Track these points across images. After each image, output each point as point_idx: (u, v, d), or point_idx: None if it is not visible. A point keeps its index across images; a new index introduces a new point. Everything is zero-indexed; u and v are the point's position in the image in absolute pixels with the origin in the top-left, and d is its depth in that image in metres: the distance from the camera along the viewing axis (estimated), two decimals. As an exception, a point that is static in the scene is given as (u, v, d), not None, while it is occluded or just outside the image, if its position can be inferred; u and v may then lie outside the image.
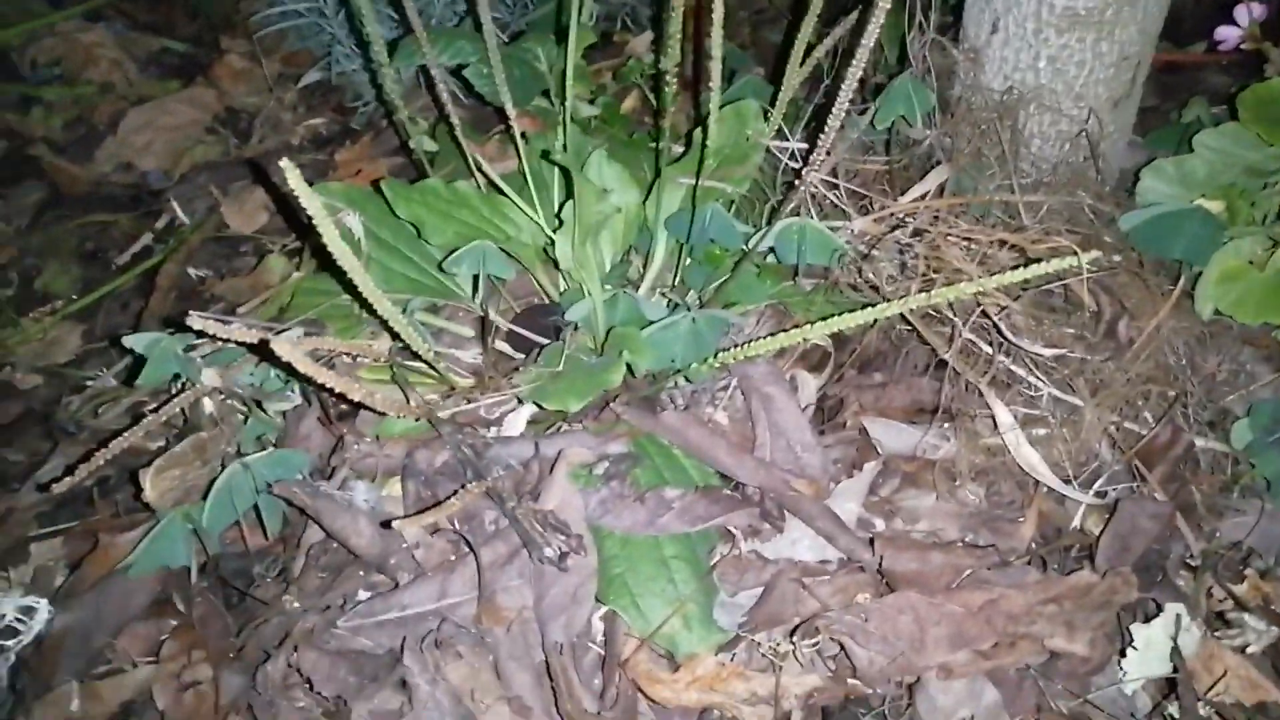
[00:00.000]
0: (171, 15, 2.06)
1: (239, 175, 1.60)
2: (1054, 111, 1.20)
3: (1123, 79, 1.19)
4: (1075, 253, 0.77)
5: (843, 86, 0.92)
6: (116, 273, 1.50)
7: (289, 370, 0.73)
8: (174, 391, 1.09)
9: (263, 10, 1.82)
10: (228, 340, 0.75)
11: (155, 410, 0.94)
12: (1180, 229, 1.15)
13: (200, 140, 1.69)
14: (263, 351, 0.71)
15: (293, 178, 0.72)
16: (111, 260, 1.54)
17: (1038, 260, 0.82)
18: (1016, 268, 0.82)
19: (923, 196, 1.22)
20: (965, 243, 1.01)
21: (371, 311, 0.89)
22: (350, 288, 0.84)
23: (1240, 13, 1.32)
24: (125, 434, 0.90)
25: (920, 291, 0.89)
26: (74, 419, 1.25)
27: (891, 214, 1.19)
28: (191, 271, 1.44)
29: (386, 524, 0.79)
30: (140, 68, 1.83)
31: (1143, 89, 1.26)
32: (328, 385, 0.74)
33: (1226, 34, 1.35)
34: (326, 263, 0.76)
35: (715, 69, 1.00)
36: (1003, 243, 1.01)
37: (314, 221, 0.76)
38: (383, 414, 0.91)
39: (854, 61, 0.92)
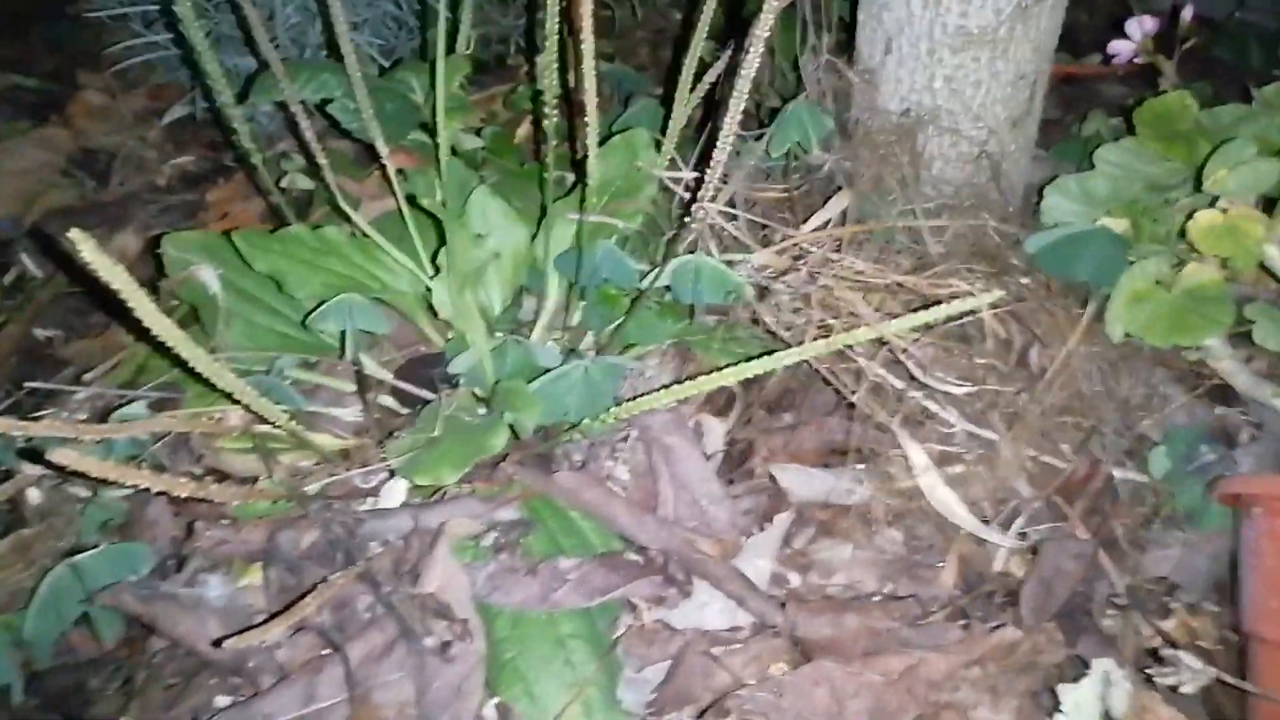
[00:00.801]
0: (27, 51, 1.90)
1: (95, 222, 1.47)
2: (953, 133, 1.16)
3: (1020, 98, 1.15)
4: (971, 294, 0.71)
5: (726, 115, 0.85)
6: (-44, 336, 1.36)
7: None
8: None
9: (125, 42, 1.70)
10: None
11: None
12: (1085, 250, 1.12)
13: (53, 184, 1.54)
14: (52, 465, 0.60)
15: (87, 249, 0.61)
16: (-48, 322, 1.39)
17: (938, 302, 0.76)
18: (918, 308, 0.76)
19: (825, 224, 1.17)
20: (860, 284, 0.95)
21: (197, 378, 0.79)
22: (182, 364, 0.74)
23: (1131, 26, 1.31)
24: (-78, 542, 0.78)
25: (818, 337, 0.83)
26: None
27: (794, 244, 1.13)
28: (39, 332, 1.31)
29: (222, 641, 0.69)
30: (-14, 109, 1.68)
31: (1043, 104, 1.23)
32: (145, 486, 0.64)
33: (1119, 48, 1.33)
34: (131, 323, 0.66)
35: (590, 101, 0.92)
36: (899, 285, 0.95)
37: (123, 297, 0.65)
38: (226, 503, 0.81)
39: (737, 87, 0.85)
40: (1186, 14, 1.28)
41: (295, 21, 1.60)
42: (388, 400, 1.15)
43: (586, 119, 1.25)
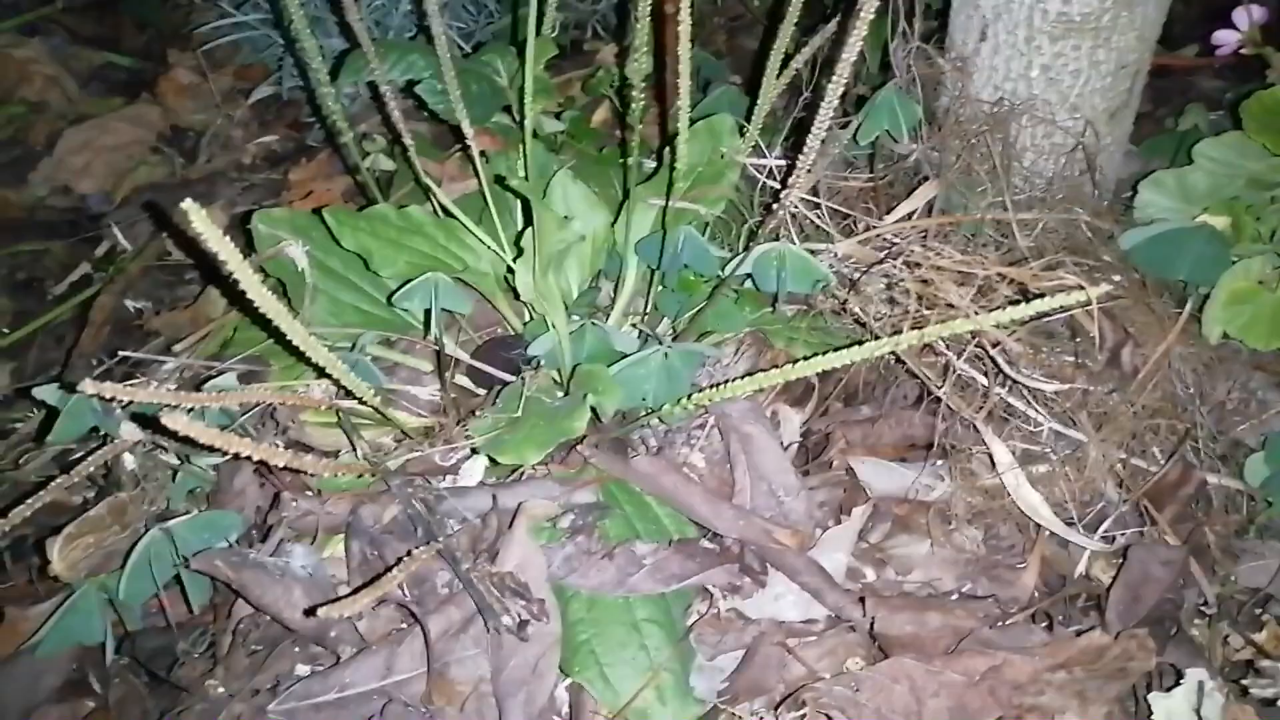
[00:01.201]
0: (118, 28, 1.96)
1: (184, 198, 1.50)
2: (1048, 123, 1.13)
3: (1120, 88, 1.11)
4: (1080, 287, 0.68)
5: (824, 102, 0.84)
6: (51, 305, 1.40)
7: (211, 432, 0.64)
8: (98, 443, 0.99)
9: (213, 22, 1.73)
10: (132, 401, 0.66)
11: (67, 469, 0.85)
12: (1184, 248, 1.08)
13: (144, 161, 1.59)
14: (158, 427, 0.61)
15: (197, 219, 0.63)
16: (47, 291, 1.43)
17: (1039, 295, 0.73)
18: (1016, 301, 0.74)
19: (909, 215, 1.14)
20: (959, 275, 0.93)
21: (298, 354, 0.80)
22: (279, 335, 0.75)
23: (1239, 16, 1.25)
24: (29, 501, 0.80)
25: (913, 328, 0.81)
26: (-6, 468, 1.15)
27: (878, 235, 1.11)
28: (129, 303, 1.34)
29: (312, 611, 0.70)
30: (81, 84, 1.72)
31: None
32: (242, 454, 0.65)
33: (1224, 38, 1.28)
34: (241, 301, 0.67)
35: (684, 84, 0.91)
36: (1001, 276, 0.93)
37: (229, 269, 0.66)
38: (316, 474, 0.82)
39: (835, 75, 0.83)
40: (1298, 4, 1.23)
41: (379, 4, 1.62)
42: (464, 380, 1.16)
43: (669, 105, 1.25)
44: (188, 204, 0.63)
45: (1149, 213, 1.20)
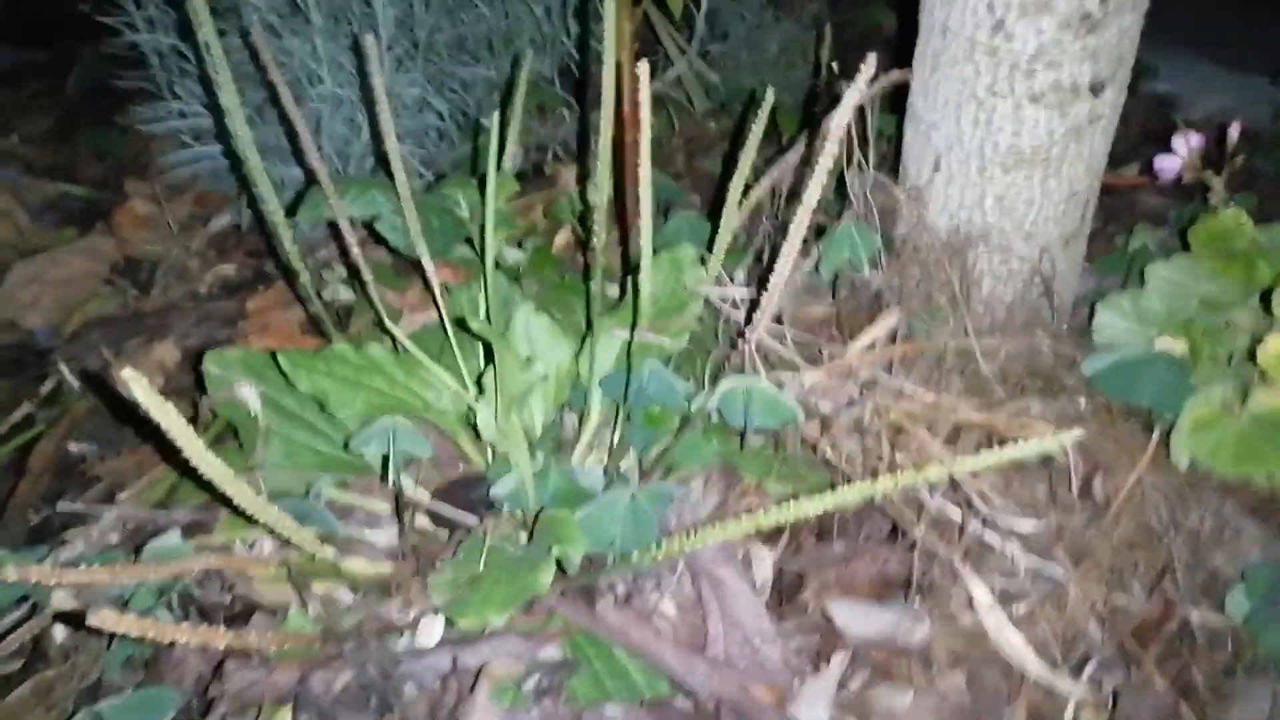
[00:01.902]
0: (75, 158, 1.95)
1: (136, 331, 1.47)
2: (1004, 250, 1.14)
3: (1073, 215, 1.13)
4: (1053, 434, 0.67)
5: (786, 244, 0.84)
6: (-10, 448, 1.34)
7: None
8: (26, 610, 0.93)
9: (172, 151, 1.73)
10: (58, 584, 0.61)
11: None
12: (1145, 375, 1.08)
13: (95, 293, 1.55)
14: (78, 622, 0.57)
15: (138, 389, 0.59)
16: (-15, 433, 1.38)
17: (1011, 440, 0.72)
18: (989, 443, 0.73)
19: (873, 343, 1.14)
20: (928, 419, 0.91)
21: (234, 508, 0.76)
22: (204, 483, 0.71)
23: (1178, 142, 1.30)
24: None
25: (881, 468, 0.79)
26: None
27: (844, 364, 1.10)
28: (72, 447, 1.29)
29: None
30: (33, 216, 1.70)
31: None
32: (181, 642, 0.60)
33: (1166, 164, 1.32)
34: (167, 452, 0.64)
35: (645, 223, 0.91)
36: (970, 421, 0.92)
37: (172, 437, 0.63)
38: (263, 651, 0.77)
39: (798, 217, 0.84)
40: (1234, 131, 1.27)
41: (340, 133, 1.63)
42: (424, 522, 1.12)
43: (630, 228, 1.25)
44: (128, 372, 0.60)
45: (1107, 334, 1.21)
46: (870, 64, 0.75)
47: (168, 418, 0.64)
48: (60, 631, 0.87)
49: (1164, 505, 1.02)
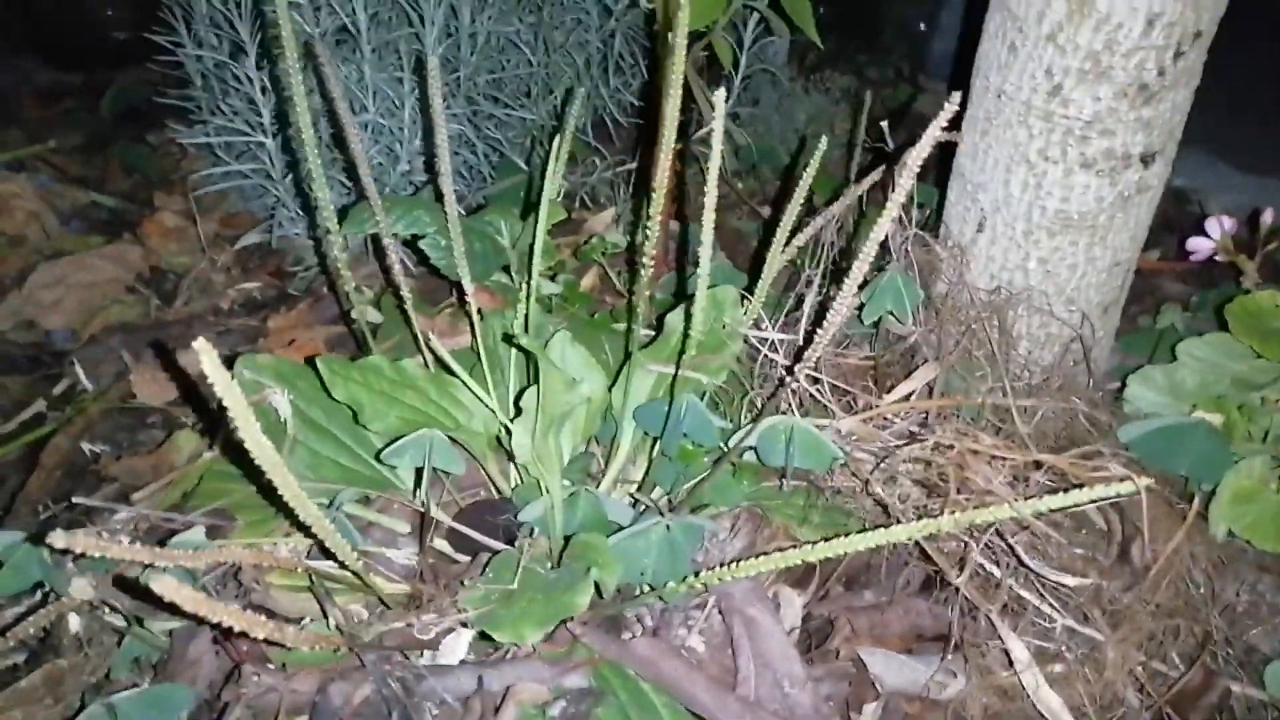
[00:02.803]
0: (106, 170, 1.96)
1: (156, 340, 1.45)
2: (1044, 314, 1.15)
3: (1114, 284, 1.14)
4: (1128, 478, 0.66)
5: (845, 284, 0.84)
6: (-2, 443, 1.31)
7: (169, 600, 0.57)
8: (39, 599, 0.89)
9: (204, 169, 1.74)
10: (102, 555, 0.59)
11: (2, 631, 0.75)
12: (1185, 443, 1.08)
13: (118, 300, 1.54)
14: (138, 591, 0.54)
15: (207, 360, 0.58)
16: (-5, 429, 1.35)
17: (1076, 485, 0.71)
18: (1052, 490, 0.72)
19: (909, 395, 1.14)
20: (992, 460, 0.91)
21: (284, 509, 0.74)
22: (262, 482, 0.69)
23: (1212, 225, 1.32)
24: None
25: (940, 512, 0.78)
26: (-89, 623, 1.02)
27: (880, 414, 1.09)
28: (86, 447, 1.26)
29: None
30: (62, 221, 1.70)
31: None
32: (226, 624, 0.58)
33: (1199, 245, 1.34)
34: (241, 457, 0.62)
35: (705, 253, 0.91)
36: (1039, 463, 0.91)
37: (233, 417, 0.61)
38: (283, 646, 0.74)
39: (855, 265, 0.84)
40: (1268, 217, 1.30)
41: (377, 162, 1.64)
42: (442, 544, 1.09)
43: (658, 274, 1.25)
44: (199, 343, 0.58)
45: (1138, 406, 1.21)
46: (952, 103, 0.76)
47: (230, 394, 0.62)
48: (76, 622, 0.83)
49: (1201, 575, 1.01)
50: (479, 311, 1.17)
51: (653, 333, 1.22)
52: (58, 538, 0.54)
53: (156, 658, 0.88)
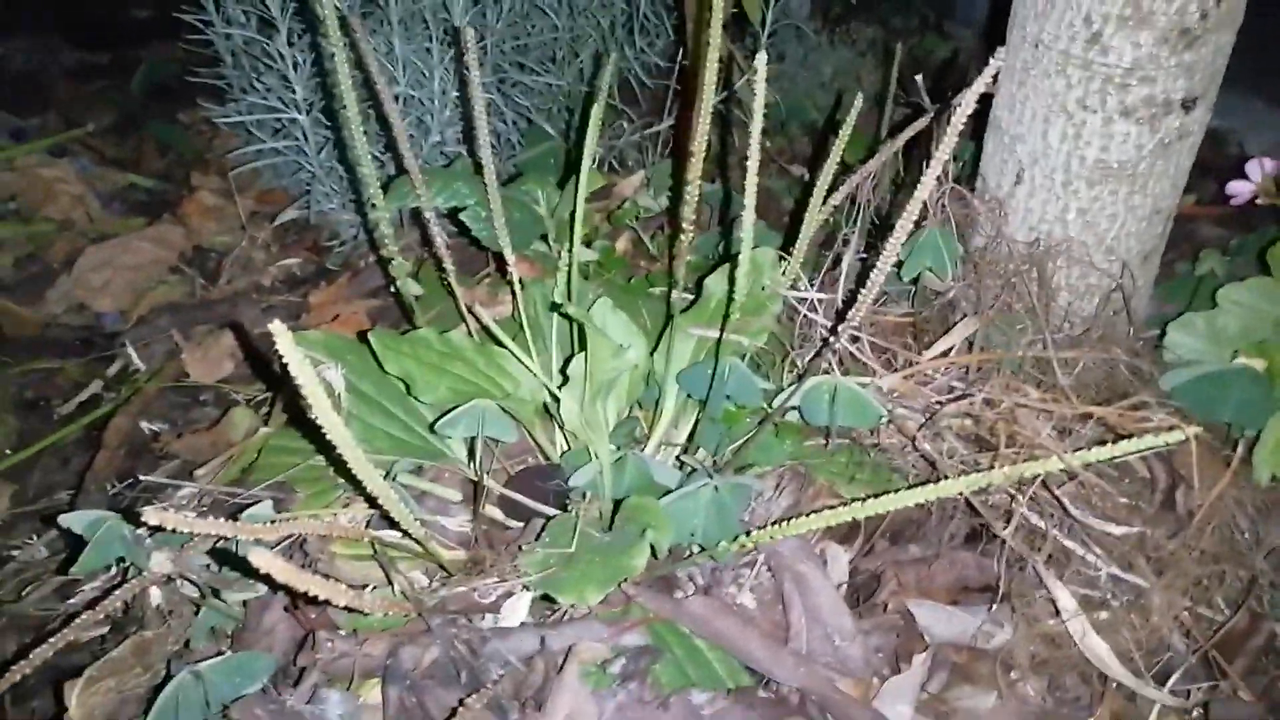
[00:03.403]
0: (141, 151, 1.98)
1: (203, 318, 1.48)
2: (1084, 264, 1.14)
3: (1154, 232, 1.14)
4: (1175, 427, 0.67)
5: (888, 243, 0.84)
6: (58, 424, 1.35)
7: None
8: (114, 572, 0.93)
9: (243, 147, 1.76)
10: (192, 534, 0.62)
11: (93, 604, 0.79)
12: (1228, 390, 1.08)
13: (163, 280, 1.57)
14: (237, 561, 0.57)
15: (283, 343, 0.60)
16: (54, 410, 1.39)
17: (1124, 435, 0.72)
18: (1104, 442, 0.73)
19: (948, 351, 1.15)
20: (1043, 413, 0.92)
21: (353, 480, 0.76)
22: (332, 455, 0.72)
23: (1253, 167, 1.31)
24: (50, 641, 0.74)
25: (988, 466, 0.79)
26: (-7, 599, 1.08)
27: (921, 370, 1.10)
28: (145, 425, 1.30)
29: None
30: (103, 204, 1.73)
31: (1165, 240, 1.22)
32: (313, 593, 0.61)
33: (1239, 189, 1.33)
34: (306, 425, 0.65)
35: (748, 218, 0.92)
36: (1087, 415, 0.92)
37: (307, 397, 0.64)
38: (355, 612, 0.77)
39: (896, 229, 0.85)
40: (1310, 158, 1.28)
41: (409, 135, 1.65)
42: (494, 511, 1.12)
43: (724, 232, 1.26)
44: (275, 325, 0.61)
45: (1179, 353, 1.21)
46: (997, 58, 0.76)
47: (305, 375, 0.64)
48: (157, 595, 0.87)
49: (1245, 521, 1.02)
50: (520, 281, 1.19)
51: (691, 296, 1.24)
52: (151, 515, 0.57)
53: (232, 627, 0.92)
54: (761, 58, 0.83)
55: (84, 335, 1.50)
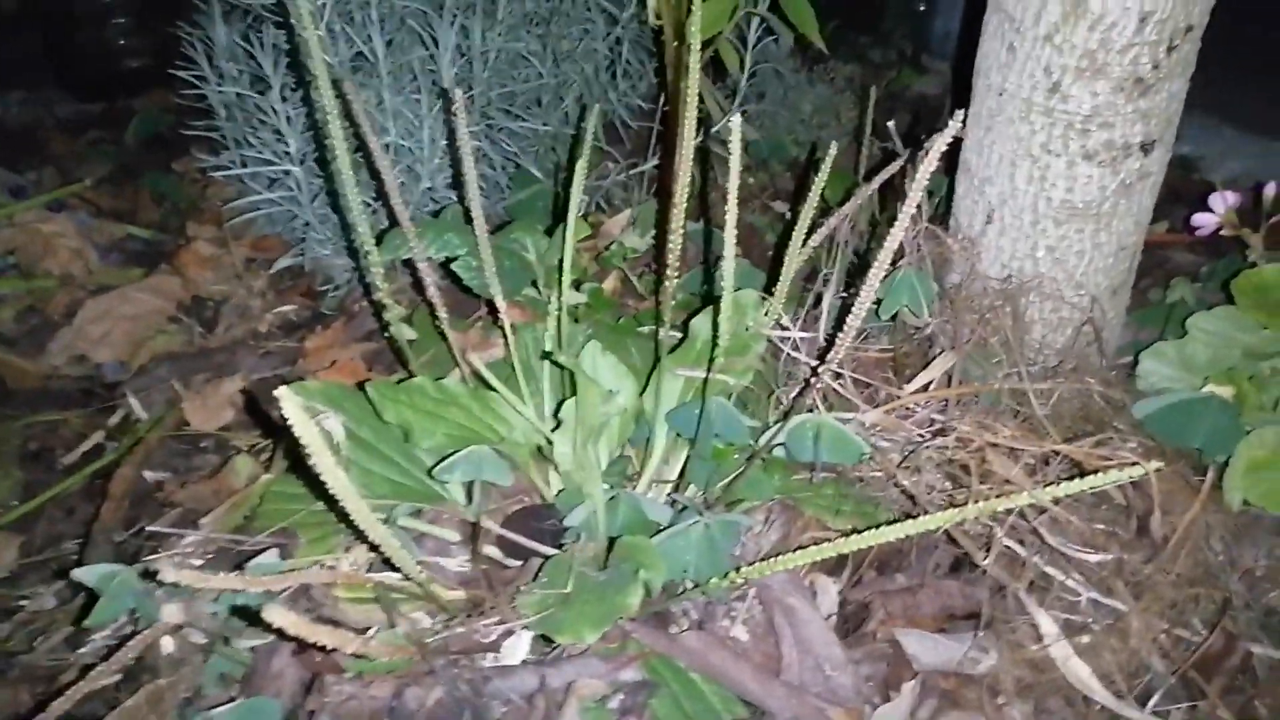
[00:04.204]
0: (137, 201, 2.02)
1: (202, 367, 1.52)
2: (1055, 299, 1.19)
3: (1121, 267, 1.19)
4: (1136, 463, 0.71)
5: (865, 284, 0.89)
6: (62, 475, 1.38)
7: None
8: (122, 622, 0.96)
9: (237, 199, 1.79)
10: (209, 588, 0.65)
11: (108, 656, 0.82)
12: (1198, 418, 1.12)
13: (162, 330, 1.60)
14: (247, 614, 0.61)
15: (290, 408, 0.64)
16: (58, 461, 1.41)
17: (1093, 471, 0.76)
18: (1068, 476, 0.77)
19: (928, 385, 1.19)
20: (1011, 451, 0.96)
21: (354, 527, 0.80)
22: (333, 504, 0.75)
23: (1216, 200, 1.36)
24: (67, 694, 0.77)
25: (965, 500, 0.83)
26: (4, 650, 1.10)
27: (902, 404, 1.14)
28: (148, 474, 1.33)
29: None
30: (101, 255, 1.76)
31: (1134, 272, 1.27)
32: (331, 647, 0.64)
33: (1204, 220, 1.38)
34: (307, 473, 0.68)
35: (728, 265, 0.96)
36: (1055, 453, 0.96)
37: (310, 452, 0.67)
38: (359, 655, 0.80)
39: (871, 273, 0.89)
40: (1270, 190, 1.33)
41: (400, 182, 1.70)
42: (492, 551, 1.15)
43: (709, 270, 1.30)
44: (282, 391, 0.64)
45: (1151, 381, 1.25)
46: (959, 116, 0.81)
47: (309, 436, 0.68)
48: (169, 644, 0.90)
49: (1219, 544, 1.05)
50: (511, 326, 1.23)
51: (679, 335, 1.28)
52: (168, 573, 0.60)
53: (241, 672, 0.95)
54: (736, 119, 0.87)
55: (85, 386, 1.53)
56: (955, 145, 1.26)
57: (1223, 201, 1.35)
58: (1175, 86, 1.05)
